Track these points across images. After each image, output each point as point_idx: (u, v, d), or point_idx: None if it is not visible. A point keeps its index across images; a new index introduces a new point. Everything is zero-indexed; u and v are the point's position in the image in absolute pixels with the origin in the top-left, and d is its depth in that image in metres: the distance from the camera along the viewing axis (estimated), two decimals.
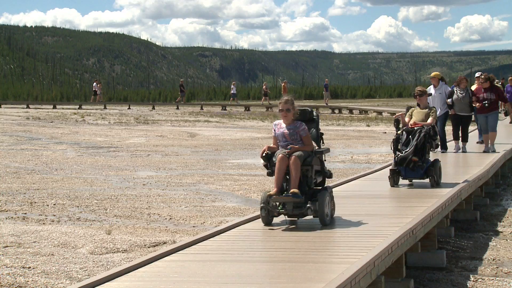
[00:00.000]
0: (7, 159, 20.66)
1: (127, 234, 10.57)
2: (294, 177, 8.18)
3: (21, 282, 8.00)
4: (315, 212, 8.14)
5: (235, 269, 6.52)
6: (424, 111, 12.05)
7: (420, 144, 11.15)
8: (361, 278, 6.08)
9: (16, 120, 39.39)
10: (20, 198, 13.81)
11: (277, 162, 8.27)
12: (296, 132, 8.56)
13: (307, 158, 8.37)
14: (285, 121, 8.68)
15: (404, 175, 11.41)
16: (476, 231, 11.60)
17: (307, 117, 8.98)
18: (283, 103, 8.66)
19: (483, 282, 8.57)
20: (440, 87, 16.48)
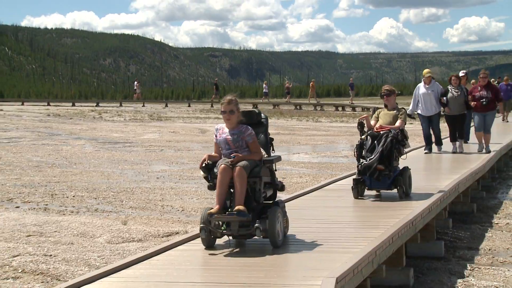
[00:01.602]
0: (30, 154, 20.73)
1: (142, 225, 10.60)
2: (239, 192, 6.64)
3: (43, 269, 8.04)
4: (264, 232, 6.63)
5: (246, 256, 6.56)
6: (391, 112, 10.12)
7: (386, 150, 9.40)
8: (363, 267, 6.09)
9: (37, 117, 39.50)
10: (42, 190, 13.86)
11: (219, 174, 6.73)
12: (241, 138, 6.98)
13: (254, 168, 6.83)
14: (228, 125, 7.08)
15: (369, 185, 9.66)
16: (473, 222, 11.58)
17: (254, 120, 7.35)
18: (226, 104, 7.03)
19: (479, 270, 8.57)
20: (432, 85, 15.20)
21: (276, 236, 6.68)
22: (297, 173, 16.79)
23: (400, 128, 9.81)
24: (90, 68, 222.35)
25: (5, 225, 10.38)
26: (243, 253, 6.75)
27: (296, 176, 16.11)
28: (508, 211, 12.54)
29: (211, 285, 5.71)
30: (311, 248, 6.80)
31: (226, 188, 6.76)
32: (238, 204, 6.61)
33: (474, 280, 8.15)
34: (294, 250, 6.77)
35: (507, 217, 11.96)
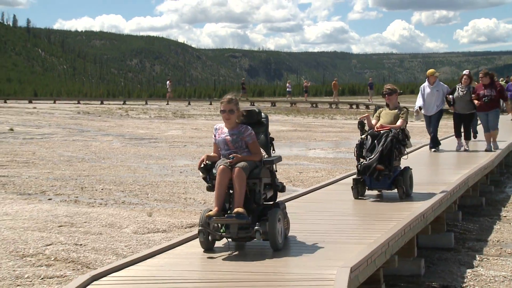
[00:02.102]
0: (61, 149, 20.85)
1: (166, 216, 10.63)
2: (238, 193, 6.19)
3: (74, 257, 8.09)
4: (264, 234, 6.18)
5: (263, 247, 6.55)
6: (393, 112, 9.51)
7: (386, 150, 8.82)
8: (376, 257, 6.08)
9: (68, 115, 39.75)
10: (72, 183, 13.94)
11: (218, 175, 6.26)
12: (241, 138, 6.51)
13: (254, 169, 6.38)
14: (227, 124, 6.60)
15: (369, 185, 9.10)
16: (481, 215, 11.51)
17: (254, 119, 6.86)
18: (226, 103, 6.56)
19: (488, 261, 8.53)
20: (437, 85, 14.54)
21: (277, 239, 6.21)
22: (313, 168, 16.77)
23: (401, 127, 9.21)
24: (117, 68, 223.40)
25: (39, 216, 10.45)
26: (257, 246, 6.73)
27: (312, 170, 16.08)
28: None
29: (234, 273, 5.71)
30: (326, 239, 6.78)
31: (225, 190, 6.29)
32: (237, 206, 6.15)
33: (483, 270, 8.11)
34: (310, 240, 6.76)
35: None
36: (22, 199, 12.12)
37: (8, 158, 18.10)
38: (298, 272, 5.57)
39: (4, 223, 9.93)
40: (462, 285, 7.55)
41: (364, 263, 5.70)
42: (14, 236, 9.10)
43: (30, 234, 9.24)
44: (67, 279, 7.20)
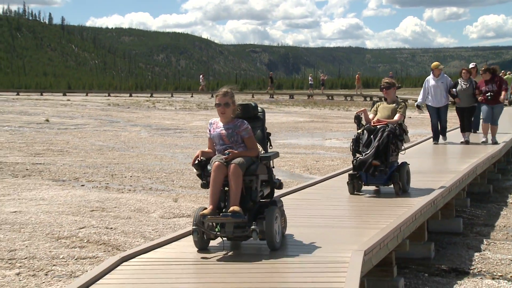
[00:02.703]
0: (93, 138, 20.99)
1: (191, 202, 10.66)
2: (234, 191, 5.60)
3: (105, 239, 8.15)
4: (261, 233, 5.60)
5: None
6: (390, 106, 8.81)
7: (382, 145, 8.14)
8: (389, 241, 6.06)
9: (99, 106, 39.96)
10: (103, 171, 14.03)
11: (212, 172, 5.67)
12: (237, 133, 5.91)
13: (250, 166, 5.78)
14: (222, 118, 5.99)
15: (365, 180, 8.43)
16: (489, 202, 11.44)
17: (250, 113, 6.25)
18: (221, 96, 5.94)
19: (495, 245, 8.48)
20: (441, 77, 13.83)
21: (274, 238, 5.64)
22: (329, 156, 16.72)
23: (399, 122, 8.52)
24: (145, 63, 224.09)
25: (72, 201, 10.54)
26: None
27: (328, 159, 16.04)
28: None
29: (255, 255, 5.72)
30: (342, 224, 6.77)
31: (220, 187, 5.71)
32: (233, 204, 5.57)
33: (490, 253, 8.07)
34: (326, 224, 6.75)
35: None
36: (57, 185, 12.22)
37: (44, 147, 18.25)
38: (314, 255, 5.57)
39: (41, 207, 10.03)
40: (470, 267, 7.51)
41: (377, 247, 5.68)
42: (50, 219, 9.19)
43: (65, 218, 9.32)
44: (98, 260, 7.25)
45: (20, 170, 13.81)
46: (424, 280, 7.08)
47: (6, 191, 11.42)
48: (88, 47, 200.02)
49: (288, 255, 5.60)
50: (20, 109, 33.97)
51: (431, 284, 6.90)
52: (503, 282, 6.94)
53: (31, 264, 7.15)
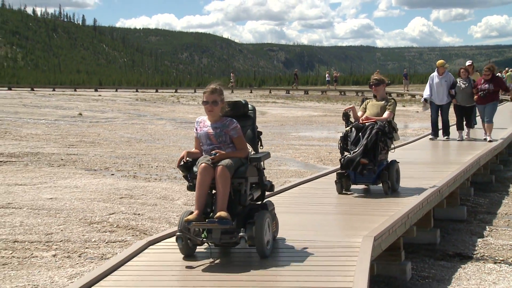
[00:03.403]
0: (122, 131, 21.09)
1: None
2: (221, 195, 4.91)
3: (133, 225, 8.19)
4: (250, 239, 4.93)
5: (297, 218, 6.55)
6: (380, 103, 8.02)
7: (370, 143, 7.43)
8: (397, 227, 6.03)
9: (128, 101, 40.13)
10: (132, 161, 14.09)
11: (198, 174, 4.98)
12: (225, 132, 5.21)
13: (239, 167, 5.09)
14: (210, 117, 5.32)
15: (353, 179, 7.71)
16: (491, 191, 11.34)
17: (240, 111, 5.56)
18: (209, 93, 5.30)
19: (497, 231, 8.42)
20: (445, 75, 13.18)
21: (264, 245, 4.97)
22: None
23: (388, 119, 7.76)
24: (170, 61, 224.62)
25: (103, 189, 10.60)
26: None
27: None
28: None
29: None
30: (353, 211, 6.74)
31: (206, 191, 5.01)
32: (220, 209, 4.89)
33: (492, 239, 8.01)
34: (339, 211, 6.73)
35: None
36: (89, 174, 12.30)
37: (78, 139, 18.38)
38: (327, 240, 5.56)
39: (74, 194, 10.10)
40: (473, 252, 7.47)
41: (386, 233, 5.66)
42: (83, 205, 9.26)
43: (96, 204, 9.39)
44: (127, 244, 7.30)
45: (55, 160, 13.92)
46: (430, 264, 7.04)
47: (43, 179, 11.53)
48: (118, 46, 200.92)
49: (301, 240, 5.58)
50: (56, 104, 34.21)
51: (436, 268, 6.86)
52: (504, 266, 6.89)
53: (66, 246, 7.22)
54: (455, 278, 6.48)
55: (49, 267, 6.48)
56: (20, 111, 28.24)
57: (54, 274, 6.27)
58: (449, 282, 6.37)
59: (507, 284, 6.28)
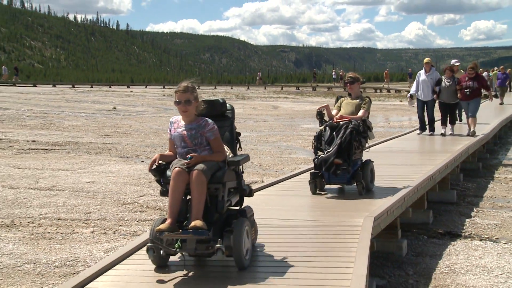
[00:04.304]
0: (151, 123, 21.15)
1: None
2: (196, 202, 4.09)
3: (160, 205, 8.22)
4: (228, 249, 4.08)
5: (305, 200, 6.54)
6: (354, 102, 7.07)
7: (344, 142, 6.55)
8: (395, 209, 6.01)
9: (156, 96, 40.20)
10: (159, 149, 14.10)
11: (172, 180, 4.14)
12: (201, 134, 4.36)
13: (216, 172, 4.25)
14: (184, 117, 4.43)
15: (327, 179, 6.82)
16: (478, 177, 11.26)
17: (217, 111, 4.72)
18: (181, 92, 4.38)
19: (483, 213, 8.36)
20: (432, 73, 12.42)
21: (243, 255, 4.12)
22: None
23: (363, 118, 6.86)
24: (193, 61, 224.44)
25: (134, 174, 10.65)
26: None
27: None
28: (505, 168, 12.16)
29: (285, 220, 5.71)
30: (355, 195, 6.72)
31: (180, 197, 4.15)
32: (195, 217, 4.05)
33: (479, 219, 7.96)
34: (345, 196, 6.71)
35: (505, 173, 11.59)
36: (122, 161, 12.36)
37: (112, 130, 18.46)
38: (332, 220, 5.55)
39: (109, 179, 10.16)
40: (462, 231, 7.43)
41: (385, 214, 5.64)
42: (117, 188, 9.31)
43: (128, 187, 9.43)
44: None
45: (93, 149, 14.00)
46: (423, 241, 7.02)
47: (82, 165, 11.61)
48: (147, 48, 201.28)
49: (309, 219, 5.57)
50: (93, 99, 34.38)
51: (429, 245, 6.84)
52: (489, 243, 6.86)
53: (102, 224, 7.27)
54: (445, 254, 6.45)
55: (88, 242, 6.54)
56: (62, 105, 28.43)
57: (92, 248, 6.32)
58: (440, 257, 6.35)
59: (491, 258, 6.26)
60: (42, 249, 6.27)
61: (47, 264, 5.79)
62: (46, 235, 6.77)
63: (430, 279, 5.65)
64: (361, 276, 3.81)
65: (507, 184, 10.49)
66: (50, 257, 6.01)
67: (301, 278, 3.93)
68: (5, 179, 9.92)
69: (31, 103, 28.28)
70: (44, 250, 6.24)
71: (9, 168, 11.02)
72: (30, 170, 10.91)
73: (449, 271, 5.88)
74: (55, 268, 5.69)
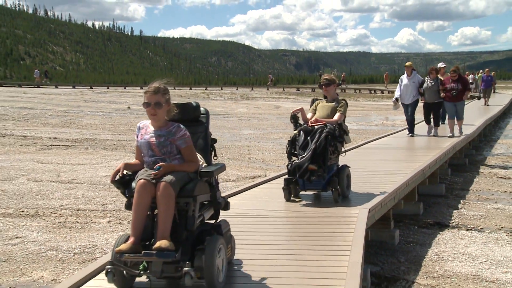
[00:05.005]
0: None
1: (235, 170, 10.68)
2: (163, 218, 3.35)
3: None
4: (199, 270, 3.36)
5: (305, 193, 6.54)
6: (330, 105, 6.29)
7: (319, 148, 5.76)
8: (388, 201, 6.01)
9: None
10: None
11: (136, 193, 3.41)
12: (171, 141, 3.59)
13: (187, 184, 3.49)
14: (153, 122, 3.67)
15: (302, 186, 6.03)
16: (465, 171, 11.23)
17: (190, 115, 3.91)
18: (151, 93, 3.63)
19: (469, 204, 8.35)
20: (413, 76, 11.88)
21: (215, 278, 3.37)
22: None
23: (339, 122, 6.09)
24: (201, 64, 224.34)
25: None
26: None
27: None
28: (489, 164, 12.13)
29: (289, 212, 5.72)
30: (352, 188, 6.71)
31: (145, 213, 3.40)
32: (161, 236, 3.30)
33: (465, 211, 7.96)
34: None
35: (489, 168, 11.56)
36: None
37: (127, 127, 18.48)
38: (329, 211, 5.55)
39: None
40: (449, 221, 7.42)
41: (379, 206, 5.64)
42: None
43: None
44: None
45: (109, 145, 14.02)
46: (414, 231, 7.01)
47: (99, 160, 11.63)
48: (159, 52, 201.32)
49: (308, 211, 5.56)
50: (109, 99, 34.41)
51: (419, 234, 6.84)
52: (474, 233, 6.86)
53: (118, 214, 7.29)
54: (434, 243, 6.45)
55: (105, 231, 6.56)
56: (81, 105, 28.47)
57: (109, 236, 6.34)
58: (430, 245, 6.35)
59: (477, 247, 6.26)
60: (63, 237, 6.30)
61: (68, 251, 5.82)
62: (67, 224, 6.80)
63: (420, 266, 5.66)
64: (357, 263, 3.81)
65: (491, 178, 10.47)
66: (70, 244, 6.04)
67: (301, 265, 3.94)
68: (30, 173, 9.96)
69: (53, 103, 28.33)
70: (65, 238, 6.27)
71: (33, 163, 11.06)
72: (52, 164, 10.94)
73: (437, 258, 5.88)
74: (75, 255, 5.72)
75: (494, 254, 6.00)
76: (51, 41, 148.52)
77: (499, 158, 12.98)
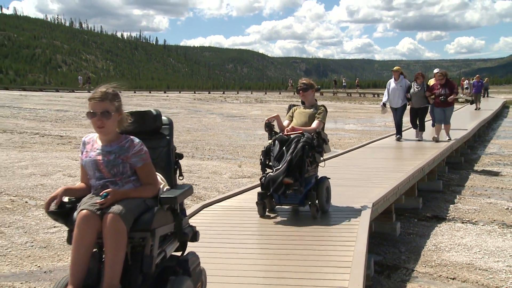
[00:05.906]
0: (183, 123, 21.22)
1: (250, 167, 10.68)
2: (110, 259, 2.29)
3: None
4: None
5: None
6: (308, 111, 5.23)
7: (295, 159, 4.75)
8: (390, 196, 5.97)
9: (188, 100, 40.33)
10: (190, 145, 14.17)
11: (76, 227, 2.34)
12: (123, 160, 2.53)
13: (143, 214, 2.42)
14: (101, 136, 2.61)
15: (277, 200, 5.01)
16: (461, 169, 11.11)
17: (148, 126, 2.82)
18: (97, 100, 2.58)
19: (464, 199, 8.26)
20: (400, 81, 10.90)
21: None
22: (348, 136, 16.49)
23: (317, 130, 5.03)
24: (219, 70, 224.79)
25: None
26: None
27: (347, 138, 15.82)
28: (483, 162, 11.98)
29: None
30: (357, 184, 6.68)
31: (88, 252, 2.39)
32: (108, 282, 2.33)
33: (461, 205, 7.87)
34: (346, 184, 6.66)
35: (483, 166, 11.42)
36: None
37: None
38: (337, 206, 5.51)
39: None
40: (446, 215, 7.35)
41: (381, 200, 5.60)
42: None
43: None
44: (187, 206, 7.35)
45: None
46: (414, 224, 6.95)
47: None
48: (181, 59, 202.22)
49: None
50: (136, 103, 34.60)
51: (419, 227, 6.78)
52: (469, 225, 6.79)
53: None
54: (432, 234, 6.39)
55: None
56: None
57: None
58: (428, 237, 6.29)
59: (471, 238, 6.20)
60: None
61: None
62: None
63: (420, 255, 5.62)
64: (362, 253, 3.79)
65: (485, 176, 10.35)
66: None
67: (310, 254, 3.92)
68: (65, 169, 10.06)
69: (86, 106, 28.57)
70: None
71: (68, 160, 11.17)
72: None
73: (435, 248, 5.83)
74: None
75: (487, 244, 5.94)
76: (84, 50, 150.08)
77: (492, 157, 12.83)
